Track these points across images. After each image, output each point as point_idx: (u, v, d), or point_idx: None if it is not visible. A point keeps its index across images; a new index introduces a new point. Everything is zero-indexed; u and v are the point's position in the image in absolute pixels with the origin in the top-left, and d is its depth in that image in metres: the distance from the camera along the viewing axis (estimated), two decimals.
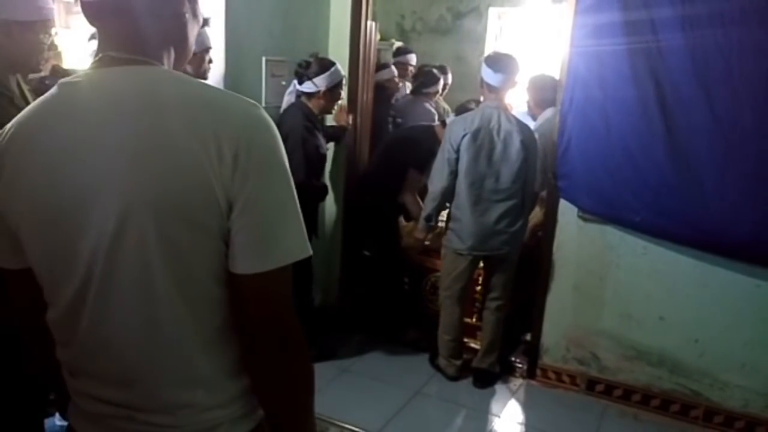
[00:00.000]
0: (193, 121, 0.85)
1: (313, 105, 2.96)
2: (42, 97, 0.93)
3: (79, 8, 0.91)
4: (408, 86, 4.68)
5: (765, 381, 2.73)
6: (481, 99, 3.08)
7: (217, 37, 2.70)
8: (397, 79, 4.32)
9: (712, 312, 2.78)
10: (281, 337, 0.92)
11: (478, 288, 3.34)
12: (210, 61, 2.58)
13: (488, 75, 2.93)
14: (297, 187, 0.92)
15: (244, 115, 0.88)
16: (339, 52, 3.40)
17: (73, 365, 0.99)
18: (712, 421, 2.86)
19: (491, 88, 2.94)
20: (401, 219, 3.72)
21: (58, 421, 2.45)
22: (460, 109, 3.35)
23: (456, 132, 2.90)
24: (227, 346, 0.94)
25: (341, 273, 3.74)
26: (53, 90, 0.92)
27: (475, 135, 2.86)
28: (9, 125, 0.93)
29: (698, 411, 2.88)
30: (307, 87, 2.92)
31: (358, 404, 2.89)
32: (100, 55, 0.90)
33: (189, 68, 2.25)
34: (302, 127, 2.87)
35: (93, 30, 0.95)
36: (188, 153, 0.83)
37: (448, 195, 2.98)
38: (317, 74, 2.91)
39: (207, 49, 2.54)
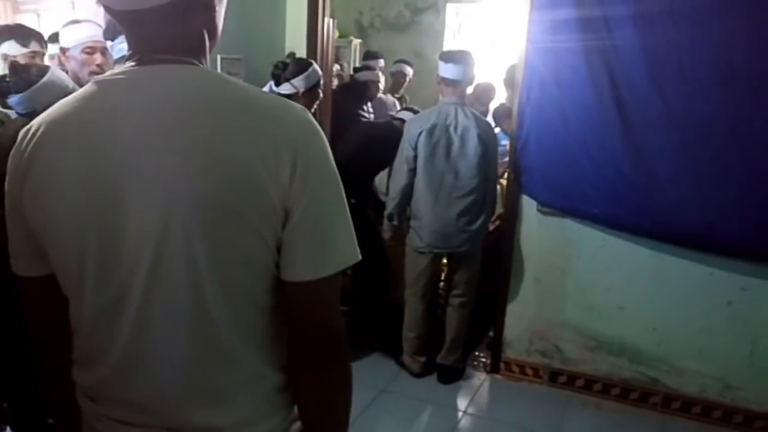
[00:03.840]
0: (249, 124, 0.82)
1: None
2: (76, 94, 0.87)
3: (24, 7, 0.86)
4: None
5: (720, 366, 2.81)
6: (440, 97, 3.08)
7: None
8: (381, 85, 4.29)
9: (668, 301, 2.85)
10: (330, 344, 0.91)
11: (441, 284, 3.35)
12: None
13: (445, 69, 2.93)
14: None
15: (299, 119, 0.86)
16: (296, 50, 3.36)
17: (98, 387, 0.93)
18: (670, 407, 2.93)
19: (449, 82, 2.95)
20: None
21: None
22: None
23: (412, 130, 2.91)
24: (270, 362, 0.92)
25: None
26: (90, 86, 0.87)
27: (431, 132, 2.87)
28: (36, 124, 0.87)
29: (657, 398, 2.95)
30: (285, 89, 2.80)
31: None
32: (139, 56, 0.86)
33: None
34: None
35: (55, 31, 0.92)
36: (243, 157, 0.80)
37: (407, 193, 2.98)
38: (295, 75, 2.81)
39: None
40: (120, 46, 2.20)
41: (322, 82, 2.99)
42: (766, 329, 2.71)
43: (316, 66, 2.90)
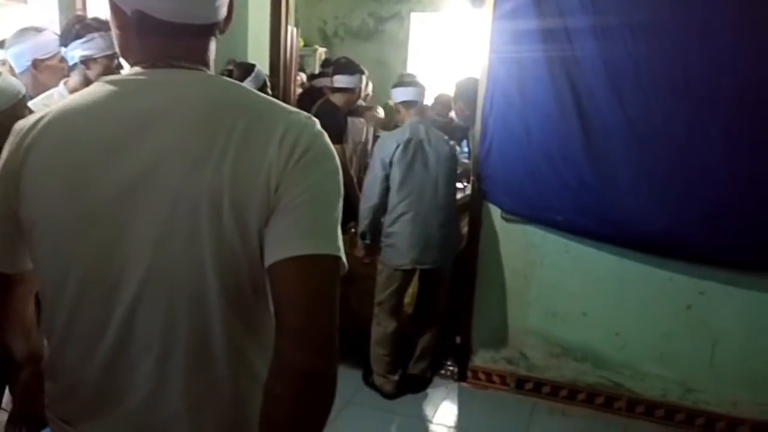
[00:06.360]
0: (260, 118, 0.85)
1: None
2: (86, 92, 0.87)
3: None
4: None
5: (681, 370, 2.87)
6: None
7: None
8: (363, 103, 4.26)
9: (630, 306, 2.89)
10: (318, 343, 0.81)
11: (410, 291, 3.32)
12: (119, 67, 2.43)
13: (400, 94, 3.03)
14: None
15: (305, 117, 0.89)
16: (259, 59, 3.32)
17: (74, 401, 0.90)
18: (634, 411, 2.97)
19: (408, 104, 3.03)
20: None
21: None
22: None
23: (388, 146, 2.92)
24: (260, 357, 0.90)
25: None
26: (100, 86, 0.87)
27: (407, 144, 2.89)
28: (41, 115, 0.86)
29: (621, 402, 2.99)
30: None
31: None
32: (153, 60, 0.87)
33: (92, 74, 2.11)
34: None
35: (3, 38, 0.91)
36: (253, 151, 0.82)
37: (380, 211, 2.97)
38: (242, 79, 2.84)
39: (114, 54, 2.38)
40: (72, 53, 2.13)
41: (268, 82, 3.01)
42: (724, 332, 2.77)
43: (259, 67, 2.94)
